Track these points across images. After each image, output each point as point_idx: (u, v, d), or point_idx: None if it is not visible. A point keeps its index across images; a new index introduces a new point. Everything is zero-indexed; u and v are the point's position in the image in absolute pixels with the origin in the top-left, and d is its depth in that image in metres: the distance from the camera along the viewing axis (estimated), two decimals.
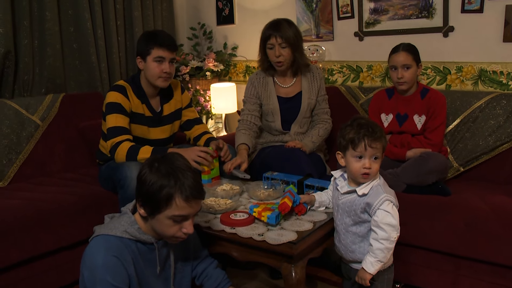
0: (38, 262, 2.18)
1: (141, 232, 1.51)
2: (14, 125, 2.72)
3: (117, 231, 1.48)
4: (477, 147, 2.53)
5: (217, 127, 3.78)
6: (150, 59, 2.34)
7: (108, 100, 2.36)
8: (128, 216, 1.53)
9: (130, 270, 1.45)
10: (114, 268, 1.41)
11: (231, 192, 2.07)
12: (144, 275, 1.52)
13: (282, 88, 2.71)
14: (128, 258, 1.46)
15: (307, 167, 2.38)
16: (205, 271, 1.73)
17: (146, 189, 1.44)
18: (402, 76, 2.46)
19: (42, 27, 3.05)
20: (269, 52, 2.58)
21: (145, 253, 1.53)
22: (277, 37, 2.51)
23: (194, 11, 4.10)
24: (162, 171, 1.45)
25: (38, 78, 3.08)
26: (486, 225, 1.98)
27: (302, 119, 2.67)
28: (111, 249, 1.43)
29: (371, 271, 1.61)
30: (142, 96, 2.45)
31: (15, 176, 2.67)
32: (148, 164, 1.49)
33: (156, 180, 1.43)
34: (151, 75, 2.37)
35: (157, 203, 1.44)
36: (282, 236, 1.65)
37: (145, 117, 2.45)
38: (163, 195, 1.43)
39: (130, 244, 1.48)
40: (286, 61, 2.58)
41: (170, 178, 1.43)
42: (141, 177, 1.47)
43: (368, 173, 1.62)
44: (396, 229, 1.61)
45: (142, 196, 1.48)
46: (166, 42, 2.35)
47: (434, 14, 2.85)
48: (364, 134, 1.60)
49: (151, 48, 2.33)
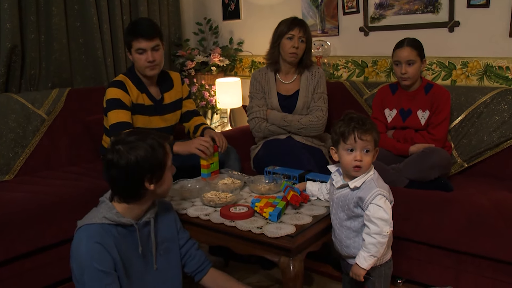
0: (42, 254, 2.22)
1: (120, 215, 1.52)
2: (20, 119, 2.75)
3: (96, 219, 1.49)
4: (481, 143, 2.51)
5: (223, 122, 3.79)
6: (134, 52, 2.37)
7: (108, 97, 2.38)
8: (106, 203, 1.55)
9: (114, 254, 1.46)
10: (98, 254, 1.43)
11: (232, 186, 2.07)
12: (128, 257, 1.53)
13: (283, 84, 2.75)
14: (110, 243, 1.47)
15: (308, 162, 2.39)
16: (188, 252, 1.74)
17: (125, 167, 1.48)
18: (405, 72, 2.44)
19: (48, 22, 3.07)
20: (286, 42, 2.62)
21: (126, 235, 1.54)
22: (300, 30, 2.61)
23: (200, 6, 4.11)
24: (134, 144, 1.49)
25: (44, 73, 3.11)
26: (488, 221, 1.97)
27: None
28: (93, 237, 1.45)
29: (365, 266, 1.61)
30: (141, 86, 2.46)
31: (21, 170, 2.71)
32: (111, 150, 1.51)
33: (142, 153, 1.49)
34: (138, 66, 2.40)
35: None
36: (281, 230, 1.65)
37: (145, 106, 2.46)
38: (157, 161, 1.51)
39: (110, 229, 1.49)
40: (299, 55, 2.65)
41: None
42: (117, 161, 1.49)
43: (360, 165, 1.62)
44: (388, 223, 1.60)
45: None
46: (142, 33, 2.33)
47: (439, 9, 2.82)
48: (354, 126, 1.61)
49: (131, 40, 2.36)
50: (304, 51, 2.66)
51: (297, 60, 2.68)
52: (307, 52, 2.68)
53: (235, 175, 2.24)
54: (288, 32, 2.62)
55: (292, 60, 2.66)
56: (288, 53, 2.64)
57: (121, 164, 1.47)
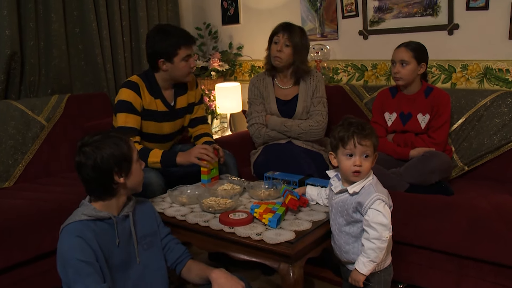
0: (41, 262, 2.20)
1: (97, 210, 1.57)
2: (19, 126, 2.75)
3: (75, 217, 1.54)
4: (482, 146, 2.50)
5: (223, 127, 3.79)
6: (178, 60, 2.33)
7: (120, 97, 2.35)
8: (84, 204, 1.61)
9: (94, 246, 1.50)
10: (80, 246, 1.47)
11: (232, 192, 2.06)
12: (108, 249, 1.57)
13: (281, 89, 2.74)
14: (90, 236, 1.51)
15: (308, 167, 2.39)
16: (168, 245, 1.76)
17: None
18: (397, 72, 2.45)
19: (47, 28, 3.08)
20: (272, 46, 2.64)
21: (106, 229, 1.58)
22: (284, 34, 2.60)
23: (200, 11, 4.11)
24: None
25: (44, 79, 3.12)
26: (489, 225, 1.96)
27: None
28: (72, 232, 1.50)
29: (364, 272, 1.60)
30: (156, 92, 2.43)
31: (21, 176, 2.71)
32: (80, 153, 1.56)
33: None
34: (181, 74, 2.37)
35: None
36: (280, 236, 1.64)
37: (158, 112, 2.44)
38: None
39: (89, 224, 1.54)
40: (284, 59, 2.62)
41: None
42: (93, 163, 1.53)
43: (359, 171, 1.61)
44: (387, 228, 1.59)
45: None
46: (190, 39, 2.35)
47: (438, 12, 2.82)
48: (353, 131, 1.60)
49: (177, 48, 2.31)
50: (294, 55, 2.62)
51: (282, 64, 2.65)
52: (296, 57, 2.63)
53: (235, 181, 2.23)
54: (274, 36, 2.64)
55: (276, 64, 2.66)
56: (272, 57, 2.65)
57: (89, 164, 1.54)
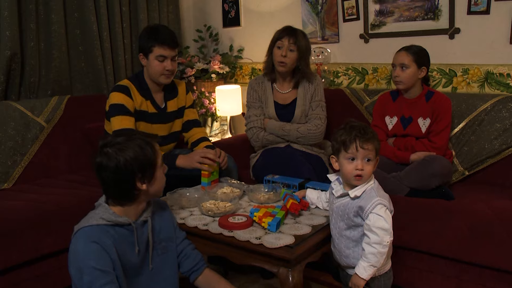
0: (39, 264, 2.19)
1: (117, 215, 1.51)
2: (19, 127, 2.74)
3: (93, 221, 1.48)
4: (482, 151, 2.49)
5: (223, 129, 3.78)
6: (152, 57, 2.34)
7: (111, 101, 2.36)
8: (102, 206, 1.54)
9: (112, 253, 1.45)
10: (96, 253, 1.41)
11: (231, 195, 2.06)
12: (126, 257, 1.52)
13: (280, 93, 2.73)
14: (108, 242, 1.45)
15: (307, 171, 2.38)
16: (184, 251, 1.72)
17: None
18: (397, 75, 2.45)
19: (48, 29, 3.07)
20: (276, 51, 2.61)
21: (124, 235, 1.53)
22: (290, 39, 2.57)
23: (200, 13, 4.11)
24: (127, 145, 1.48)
25: (44, 80, 3.11)
26: (490, 230, 1.95)
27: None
28: (90, 237, 1.43)
29: (364, 276, 1.59)
30: (146, 93, 2.44)
31: (20, 178, 2.70)
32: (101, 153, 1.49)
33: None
34: (154, 72, 2.37)
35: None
36: (280, 240, 1.63)
37: (149, 113, 2.44)
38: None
39: (108, 229, 1.48)
40: (289, 64, 2.60)
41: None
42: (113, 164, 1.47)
43: (361, 174, 1.61)
44: (389, 233, 1.58)
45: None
46: (167, 40, 2.33)
47: (440, 16, 2.81)
48: (355, 135, 1.60)
49: (152, 46, 2.33)
50: (298, 60, 2.62)
51: (286, 70, 2.63)
52: (301, 61, 2.63)
53: (235, 184, 2.22)
54: (277, 40, 2.61)
55: (281, 70, 2.63)
56: (276, 62, 2.62)
57: (110, 167, 1.45)
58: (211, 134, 3.82)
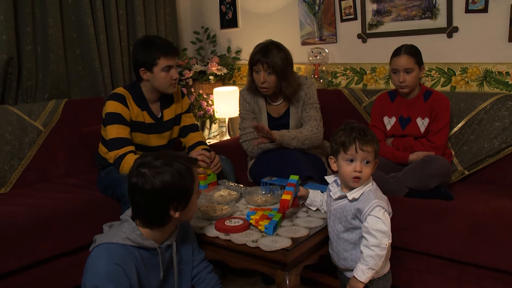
0: (37, 269, 2.18)
1: (144, 238, 1.48)
2: (16, 131, 2.73)
3: (119, 239, 1.44)
4: (482, 150, 2.47)
5: (221, 131, 3.77)
6: (158, 70, 2.32)
7: (107, 110, 2.35)
8: (129, 223, 1.50)
9: (132, 278, 1.42)
10: (117, 277, 1.38)
11: (228, 198, 2.04)
12: (147, 281, 1.50)
13: (272, 106, 2.68)
14: (131, 266, 1.43)
15: (307, 169, 2.35)
16: (199, 275, 1.70)
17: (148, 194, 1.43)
18: (404, 80, 2.42)
19: (45, 33, 3.06)
20: (255, 76, 2.54)
21: (148, 259, 1.50)
22: (264, 63, 2.46)
23: (198, 15, 4.10)
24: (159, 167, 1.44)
25: (41, 84, 3.10)
26: (489, 231, 1.93)
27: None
28: (114, 257, 1.40)
29: (363, 279, 1.57)
30: (143, 103, 2.43)
31: (17, 182, 2.68)
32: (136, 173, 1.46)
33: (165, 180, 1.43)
34: (161, 84, 2.35)
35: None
36: (276, 243, 1.62)
37: (145, 124, 2.44)
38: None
39: (133, 251, 1.45)
40: (271, 88, 2.53)
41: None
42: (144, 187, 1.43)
43: (359, 176, 1.59)
44: (387, 235, 1.57)
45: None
46: (170, 50, 2.32)
47: (437, 15, 2.80)
48: (355, 137, 1.58)
49: (156, 58, 2.30)
50: (279, 81, 2.49)
51: (271, 92, 2.55)
52: (282, 81, 2.49)
53: (232, 187, 2.21)
54: (253, 65, 2.52)
55: (266, 94, 2.57)
56: (259, 87, 2.55)
57: (146, 189, 1.41)
58: (210, 136, 3.81)
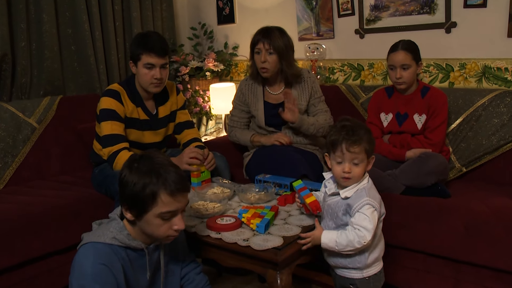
0: (29, 267, 2.16)
1: (131, 238, 1.47)
2: (10, 128, 2.71)
3: (106, 238, 1.43)
4: (480, 147, 2.44)
5: (218, 128, 3.74)
6: (141, 65, 2.29)
7: (102, 106, 2.32)
8: (117, 222, 1.49)
9: (119, 278, 1.41)
10: (103, 277, 1.37)
11: (221, 196, 2.02)
12: (134, 282, 1.48)
13: (272, 94, 2.67)
14: (117, 266, 1.41)
15: (303, 167, 2.32)
16: (187, 275, 1.69)
17: (129, 190, 1.41)
18: (401, 76, 2.38)
19: (39, 29, 3.03)
20: (256, 57, 2.54)
21: (135, 259, 1.49)
22: (265, 43, 2.47)
23: (195, 11, 4.06)
24: (142, 170, 1.41)
25: (36, 81, 3.07)
26: (487, 229, 1.90)
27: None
28: (100, 257, 1.39)
29: (322, 242, 1.59)
30: (137, 100, 2.40)
31: (11, 179, 2.66)
32: (127, 165, 1.45)
33: (137, 180, 1.40)
34: (143, 81, 2.33)
35: (143, 203, 1.40)
36: (268, 242, 1.59)
37: (139, 121, 2.41)
38: (147, 194, 1.39)
39: (119, 251, 1.44)
40: (271, 68, 2.52)
41: (152, 175, 1.40)
42: (122, 179, 1.43)
43: (348, 177, 1.56)
44: (370, 233, 1.55)
45: (126, 199, 1.43)
46: (155, 48, 2.26)
47: (436, 10, 2.76)
48: (343, 137, 1.55)
49: (140, 54, 2.27)
50: (280, 61, 2.50)
51: (270, 74, 2.54)
52: (283, 62, 2.51)
53: (226, 184, 2.18)
54: (255, 45, 2.52)
55: (265, 76, 2.55)
56: (259, 68, 2.54)
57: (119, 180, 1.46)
58: (206, 132, 3.78)
